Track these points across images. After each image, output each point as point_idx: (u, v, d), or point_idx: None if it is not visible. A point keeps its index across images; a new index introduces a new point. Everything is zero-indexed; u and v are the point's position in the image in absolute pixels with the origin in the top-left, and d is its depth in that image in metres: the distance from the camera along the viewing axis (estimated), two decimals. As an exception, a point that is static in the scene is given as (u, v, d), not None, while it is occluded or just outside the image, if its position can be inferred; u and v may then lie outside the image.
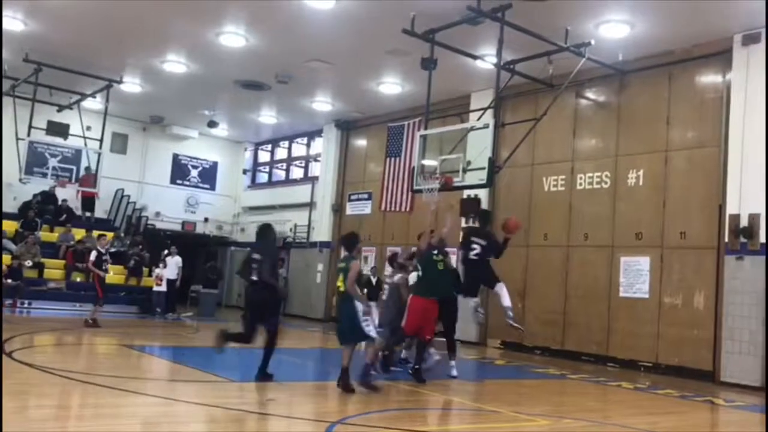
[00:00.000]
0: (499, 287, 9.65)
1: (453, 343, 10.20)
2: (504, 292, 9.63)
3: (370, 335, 8.17)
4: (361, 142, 20.45)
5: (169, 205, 23.62)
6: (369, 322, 8.14)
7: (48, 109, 17.38)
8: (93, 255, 14.41)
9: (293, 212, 22.27)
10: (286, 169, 24.28)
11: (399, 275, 10.06)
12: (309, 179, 22.38)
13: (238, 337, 8.61)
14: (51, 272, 18.34)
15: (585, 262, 13.87)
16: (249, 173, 25.44)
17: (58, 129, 19.34)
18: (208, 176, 24.75)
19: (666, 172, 12.83)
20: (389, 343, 9.62)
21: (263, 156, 25.35)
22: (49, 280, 18.02)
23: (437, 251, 9.47)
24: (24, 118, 16.07)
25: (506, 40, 10.99)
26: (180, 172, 24.12)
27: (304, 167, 23.38)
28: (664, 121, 12.97)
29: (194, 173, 24.46)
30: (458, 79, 14.69)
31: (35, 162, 16.67)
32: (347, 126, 20.51)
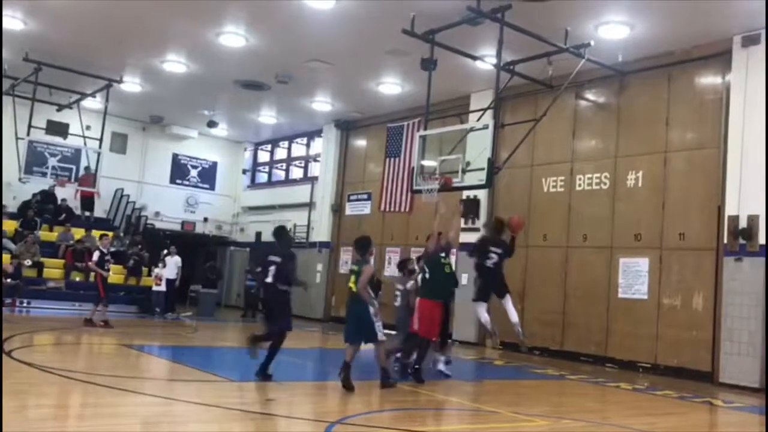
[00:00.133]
0: (506, 300, 9.75)
1: (446, 342, 10.28)
2: (510, 307, 9.73)
3: (379, 337, 8.32)
4: (361, 143, 20.46)
5: (169, 205, 23.62)
6: (379, 324, 8.30)
7: (48, 109, 17.38)
8: (96, 255, 14.40)
9: (293, 212, 22.27)
10: (286, 169, 24.28)
11: (411, 282, 10.06)
12: (308, 179, 22.38)
13: (266, 337, 8.70)
14: (50, 271, 18.34)
15: (584, 263, 13.87)
16: (248, 173, 25.44)
17: (58, 128, 19.35)
18: (208, 176, 24.75)
19: (665, 173, 12.84)
20: (406, 350, 9.63)
21: (263, 156, 25.35)
22: (49, 280, 18.02)
23: (444, 254, 9.53)
24: (24, 118, 16.07)
25: (506, 41, 11.00)
26: (179, 172, 24.13)
27: (304, 167, 23.39)
28: (664, 123, 12.98)
29: (194, 173, 24.46)
30: (458, 80, 14.70)
31: (35, 161, 16.68)
32: (347, 126, 20.52)
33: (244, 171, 25.34)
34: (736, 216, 11.46)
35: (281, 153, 24.52)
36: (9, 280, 16.54)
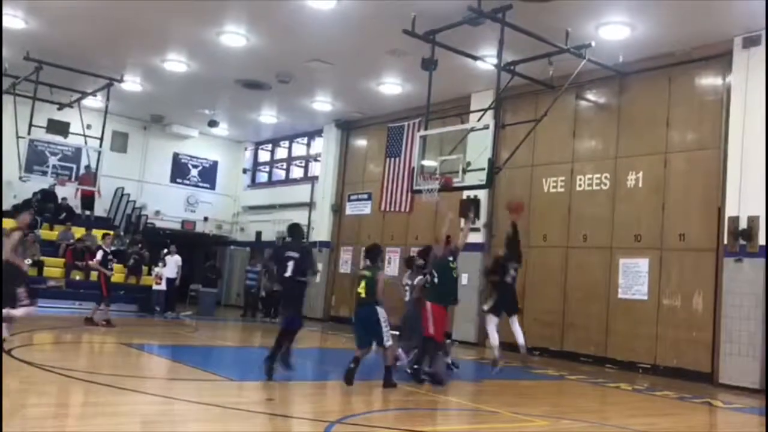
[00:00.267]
0: (514, 319, 9.88)
1: (445, 342, 10.39)
2: (518, 327, 9.89)
3: (386, 342, 8.60)
4: (361, 143, 20.46)
5: (169, 204, 23.62)
6: (387, 329, 8.60)
7: (48, 108, 17.39)
8: (99, 255, 14.46)
9: (293, 212, 22.24)
10: (286, 169, 24.29)
11: (419, 277, 10.11)
12: (309, 179, 22.39)
13: (285, 336, 8.96)
14: (51, 270, 18.33)
15: (584, 264, 13.88)
16: (249, 173, 25.45)
17: (59, 127, 19.35)
18: (208, 175, 24.76)
19: (665, 174, 12.84)
20: (419, 356, 9.66)
21: (263, 156, 25.36)
22: (49, 278, 18.01)
23: (453, 258, 9.62)
24: (24, 116, 16.08)
25: (507, 41, 11.01)
26: (180, 171, 24.12)
27: (304, 167, 23.40)
28: (664, 123, 12.98)
29: (194, 172, 24.46)
30: (458, 80, 14.70)
31: (35, 160, 16.69)
32: (347, 126, 20.53)
33: (245, 170, 25.35)
34: (737, 217, 11.46)
35: (282, 153, 24.53)
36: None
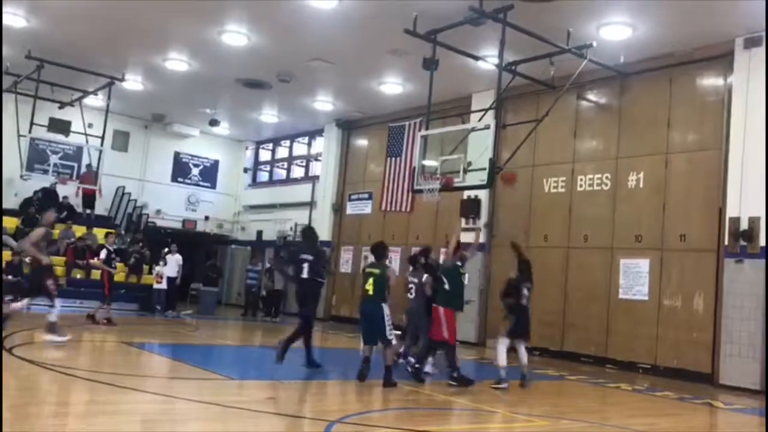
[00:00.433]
0: (521, 343, 9.91)
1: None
2: (524, 351, 9.97)
3: (391, 340, 8.82)
4: (362, 142, 20.47)
5: (170, 203, 23.64)
6: (390, 327, 8.81)
7: (50, 106, 17.39)
8: (103, 254, 14.53)
9: (294, 211, 22.29)
10: (287, 168, 24.30)
11: (426, 275, 10.13)
12: (310, 178, 22.40)
13: (300, 332, 9.49)
14: (51, 269, 18.30)
15: (585, 264, 13.88)
16: (250, 172, 25.46)
17: (60, 126, 19.35)
18: (209, 174, 24.77)
19: (666, 175, 12.84)
20: (423, 355, 9.83)
21: (264, 155, 25.37)
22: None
23: (461, 264, 9.77)
24: (26, 115, 16.08)
25: (508, 41, 11.02)
26: (181, 171, 24.14)
27: (305, 166, 23.41)
28: (665, 124, 12.98)
29: (195, 171, 24.48)
30: (460, 80, 14.70)
31: (36, 159, 16.71)
32: (348, 126, 20.53)
33: (246, 170, 25.36)
34: (737, 218, 11.46)
35: (282, 152, 24.55)
36: (10, 277, 16.55)
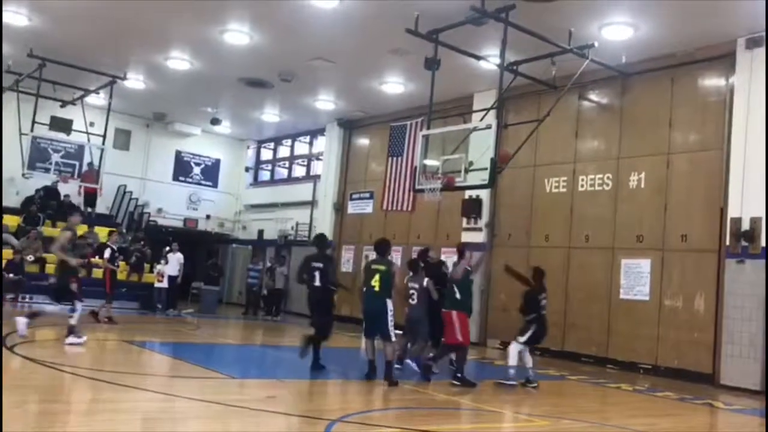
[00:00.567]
0: (523, 349, 9.93)
1: (439, 343, 10.50)
2: (529, 357, 10.00)
3: (392, 336, 8.92)
4: (364, 141, 20.47)
5: (171, 202, 23.66)
6: (392, 325, 8.94)
7: (51, 105, 17.37)
8: (107, 253, 14.60)
9: (295, 210, 22.31)
10: (289, 168, 24.31)
11: (426, 279, 10.13)
12: (311, 178, 22.41)
13: (317, 336, 9.66)
14: (52, 267, 18.30)
15: (586, 264, 13.87)
16: (251, 171, 25.46)
17: (62, 124, 19.30)
18: (211, 173, 24.79)
19: (668, 175, 12.84)
20: (438, 356, 10.03)
21: (266, 154, 25.38)
22: (51, 275, 18.00)
23: (471, 270, 9.89)
24: (27, 114, 16.07)
25: (510, 41, 11.01)
26: (182, 169, 24.16)
27: (307, 166, 23.42)
28: (667, 124, 12.97)
29: (197, 170, 24.50)
30: (461, 80, 14.70)
31: (38, 157, 16.69)
32: (350, 125, 20.53)
33: (247, 169, 25.37)
34: (739, 218, 11.46)
35: (284, 151, 24.56)
36: (11, 275, 16.58)
